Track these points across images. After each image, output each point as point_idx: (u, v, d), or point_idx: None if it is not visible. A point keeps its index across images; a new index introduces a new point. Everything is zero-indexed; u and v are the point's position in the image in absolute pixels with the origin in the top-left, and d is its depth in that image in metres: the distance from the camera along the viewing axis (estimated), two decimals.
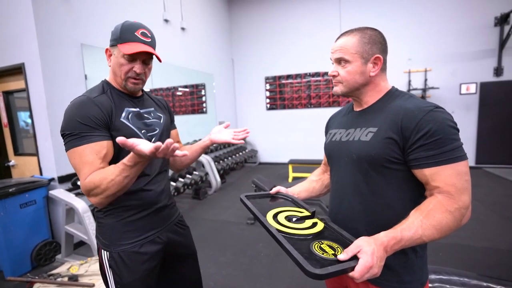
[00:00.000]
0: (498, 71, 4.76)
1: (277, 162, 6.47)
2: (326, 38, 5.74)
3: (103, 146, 0.86)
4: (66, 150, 0.86)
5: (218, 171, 4.71)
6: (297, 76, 6.10)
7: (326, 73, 5.87)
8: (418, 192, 0.76)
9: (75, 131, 0.84)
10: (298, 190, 1.05)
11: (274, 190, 1.00)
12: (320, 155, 6.18)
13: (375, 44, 0.80)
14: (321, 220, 0.79)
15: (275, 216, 0.80)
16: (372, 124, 0.80)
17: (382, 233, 0.64)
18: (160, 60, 0.99)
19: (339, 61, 0.84)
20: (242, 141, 1.14)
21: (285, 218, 0.79)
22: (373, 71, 0.81)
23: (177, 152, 0.72)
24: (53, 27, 2.55)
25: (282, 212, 0.83)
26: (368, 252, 0.59)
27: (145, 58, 0.95)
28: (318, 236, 0.71)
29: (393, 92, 0.84)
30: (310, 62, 5.94)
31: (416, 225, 0.65)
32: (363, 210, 0.81)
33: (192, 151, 1.17)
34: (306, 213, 0.83)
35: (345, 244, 0.66)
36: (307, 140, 6.19)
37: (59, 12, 2.61)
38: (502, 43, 4.61)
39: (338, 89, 0.87)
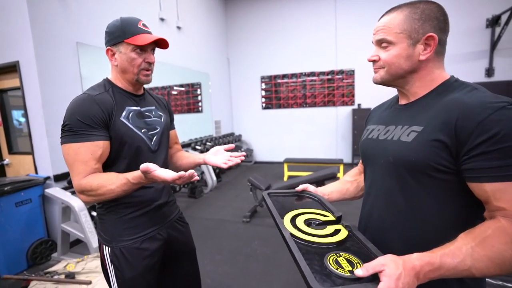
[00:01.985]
0: (489, 71, 4.86)
1: (273, 161, 6.51)
2: (321, 38, 5.79)
3: (99, 146, 0.88)
4: (62, 143, 0.88)
5: (214, 170, 4.73)
6: (292, 75, 6.14)
7: (321, 73, 5.92)
8: (472, 211, 0.61)
9: (73, 128, 0.86)
10: (329, 191, 0.92)
11: (300, 188, 0.90)
12: (315, 154, 6.27)
13: (429, 21, 0.64)
14: (345, 227, 0.68)
15: (293, 219, 0.71)
16: (417, 121, 0.65)
17: (415, 255, 0.52)
18: (167, 46, 0.99)
19: (380, 43, 0.69)
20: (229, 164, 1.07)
21: (304, 222, 0.70)
22: (423, 54, 0.65)
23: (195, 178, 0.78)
24: (48, 25, 2.54)
25: (303, 215, 0.74)
26: (393, 275, 0.47)
27: (153, 47, 0.98)
28: (338, 246, 0.61)
29: (451, 83, 0.66)
30: (306, 61, 5.99)
31: (465, 252, 0.50)
32: (396, 223, 0.69)
33: (189, 163, 1.20)
34: (331, 218, 0.73)
35: (368, 260, 0.54)
36: (303, 139, 6.24)
37: (54, 10, 2.61)
38: (494, 45, 4.71)
39: (378, 76, 0.72)
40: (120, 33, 0.92)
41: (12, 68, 2.58)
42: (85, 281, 1.96)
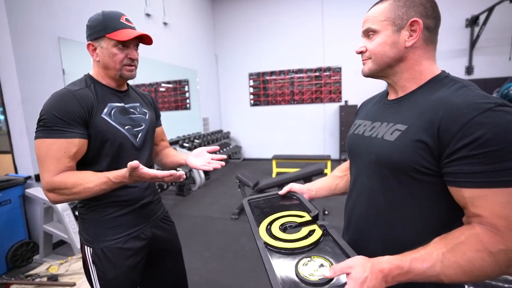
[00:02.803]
0: (469, 69, 5.04)
1: (261, 158, 6.53)
2: (308, 35, 5.82)
3: (73, 144, 0.84)
4: (35, 137, 0.85)
5: None
6: (280, 72, 6.16)
7: (309, 70, 5.96)
8: (453, 214, 0.59)
9: (48, 123, 0.82)
10: (317, 187, 0.90)
11: (284, 190, 0.87)
12: (303, 150, 6.33)
13: (414, 7, 0.62)
14: (320, 227, 0.67)
15: (270, 225, 0.71)
16: (402, 119, 0.63)
17: (386, 258, 0.52)
18: (151, 42, 0.97)
19: (367, 33, 0.68)
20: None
21: (279, 227, 0.69)
22: (409, 40, 0.63)
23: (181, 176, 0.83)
24: (27, 19, 2.44)
25: (280, 219, 0.73)
26: (358, 279, 0.48)
27: (136, 43, 0.96)
28: (312, 249, 0.60)
29: (441, 79, 0.63)
30: (293, 59, 6.01)
31: (435, 258, 0.50)
32: (376, 223, 0.68)
33: (172, 162, 1.18)
34: (308, 218, 0.71)
35: (340, 260, 0.55)
36: (291, 135, 6.29)
37: (34, 3, 2.50)
38: (473, 43, 4.88)
39: (366, 67, 0.70)
40: (101, 28, 0.89)
41: None
42: (68, 283, 1.92)
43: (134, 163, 0.74)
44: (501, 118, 0.50)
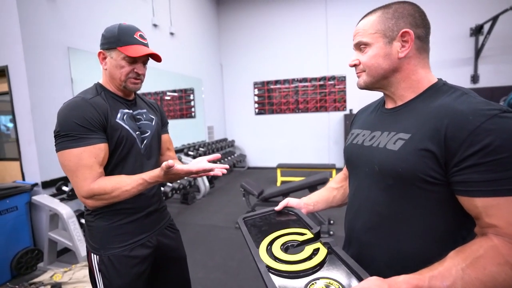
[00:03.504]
0: (474, 78, 5.02)
1: (266, 166, 6.51)
2: (313, 44, 5.88)
3: (101, 149, 0.87)
4: (59, 150, 0.85)
5: (207, 176, 4.69)
6: (285, 81, 6.20)
7: (313, 79, 6.00)
8: (461, 223, 0.58)
9: (72, 132, 0.84)
10: (314, 200, 0.88)
11: (280, 205, 0.83)
12: (308, 159, 6.30)
13: (403, 18, 0.63)
14: (324, 245, 0.63)
15: (270, 245, 0.66)
16: (404, 128, 0.62)
17: (402, 278, 0.48)
18: (160, 60, 1.00)
19: (358, 46, 0.69)
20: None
21: (281, 247, 0.64)
22: (401, 51, 0.63)
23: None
24: (39, 29, 2.51)
25: (280, 238, 0.68)
26: None
27: (145, 60, 0.98)
28: (317, 270, 0.56)
29: (440, 87, 0.63)
30: (298, 67, 6.06)
31: (455, 275, 0.46)
32: (382, 236, 0.65)
33: None
34: (310, 235, 0.67)
35: (350, 281, 0.51)
36: (295, 144, 6.27)
37: (45, 14, 2.58)
38: (478, 52, 4.87)
39: (361, 80, 0.70)
40: (115, 40, 0.92)
41: (0, 73, 2.53)
42: None
43: (170, 162, 0.81)
44: (508, 124, 0.49)
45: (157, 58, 0.99)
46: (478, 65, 4.96)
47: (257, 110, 6.50)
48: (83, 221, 2.56)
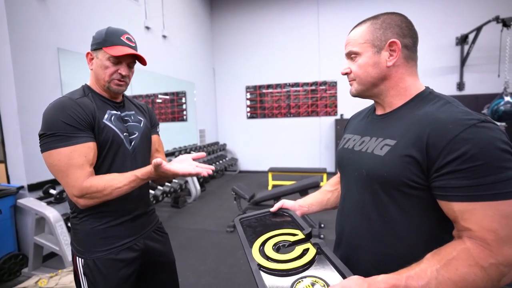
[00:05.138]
0: (460, 85, 5.18)
1: (257, 170, 6.51)
2: (305, 50, 5.97)
3: (90, 148, 0.87)
4: (46, 150, 0.83)
5: (198, 179, 4.67)
6: (277, 86, 6.25)
7: (305, 84, 6.07)
8: (444, 227, 0.60)
9: (59, 132, 0.83)
10: (309, 203, 0.91)
11: (276, 207, 0.86)
12: (299, 163, 6.34)
13: (390, 28, 0.66)
14: (313, 245, 0.65)
15: (263, 245, 0.69)
16: (391, 135, 0.65)
17: (381, 277, 0.51)
18: (145, 63, 1.00)
19: (349, 55, 0.72)
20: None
21: (273, 247, 0.67)
22: (389, 60, 0.66)
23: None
24: (28, 30, 2.47)
25: (273, 238, 0.71)
26: None
27: (130, 62, 0.98)
28: (306, 268, 0.60)
29: (426, 95, 0.66)
30: (290, 72, 6.13)
31: (429, 275, 0.50)
32: (370, 239, 0.68)
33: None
34: (301, 236, 0.70)
35: (335, 279, 0.55)
36: (287, 148, 6.31)
37: (35, 15, 2.54)
38: (463, 61, 5.04)
39: (352, 88, 0.74)
40: (102, 41, 0.93)
41: None
42: None
43: (158, 160, 0.80)
44: (484, 134, 0.52)
45: (142, 60, 0.99)
46: (464, 73, 5.13)
47: (249, 114, 6.53)
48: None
